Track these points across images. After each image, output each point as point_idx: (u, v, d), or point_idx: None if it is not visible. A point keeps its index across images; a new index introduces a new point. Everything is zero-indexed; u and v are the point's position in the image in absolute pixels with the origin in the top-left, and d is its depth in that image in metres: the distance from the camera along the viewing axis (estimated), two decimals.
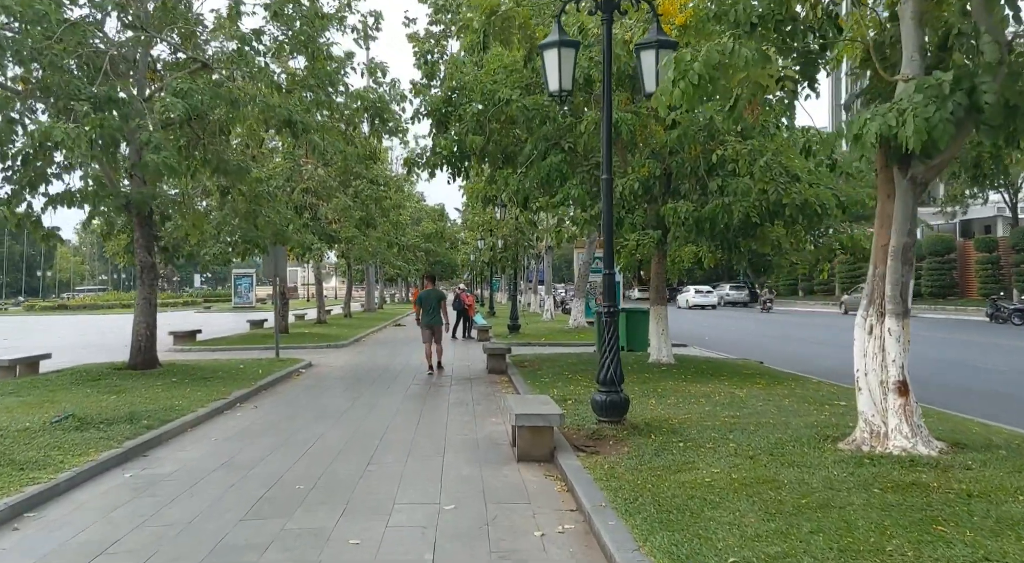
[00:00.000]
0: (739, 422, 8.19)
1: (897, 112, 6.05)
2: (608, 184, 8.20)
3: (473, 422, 9.46)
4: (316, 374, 14.98)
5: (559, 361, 15.33)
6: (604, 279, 8.21)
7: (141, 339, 13.73)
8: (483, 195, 16.46)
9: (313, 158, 22.68)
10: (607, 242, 8.21)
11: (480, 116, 12.93)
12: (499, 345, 15.31)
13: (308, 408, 10.71)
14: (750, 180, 11.48)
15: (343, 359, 18.07)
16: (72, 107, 11.76)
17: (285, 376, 14.14)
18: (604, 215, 8.21)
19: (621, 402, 7.96)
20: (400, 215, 30.29)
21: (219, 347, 20.93)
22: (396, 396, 11.82)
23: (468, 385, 13.09)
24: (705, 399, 9.84)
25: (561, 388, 11.24)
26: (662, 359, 14.14)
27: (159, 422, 8.90)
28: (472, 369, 15.66)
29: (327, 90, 13.97)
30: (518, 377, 13.00)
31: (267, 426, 9.35)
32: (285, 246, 15.99)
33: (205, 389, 11.67)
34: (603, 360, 8.08)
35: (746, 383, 11.51)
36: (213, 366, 14.85)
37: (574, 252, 28.38)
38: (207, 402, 10.51)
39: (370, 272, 43.51)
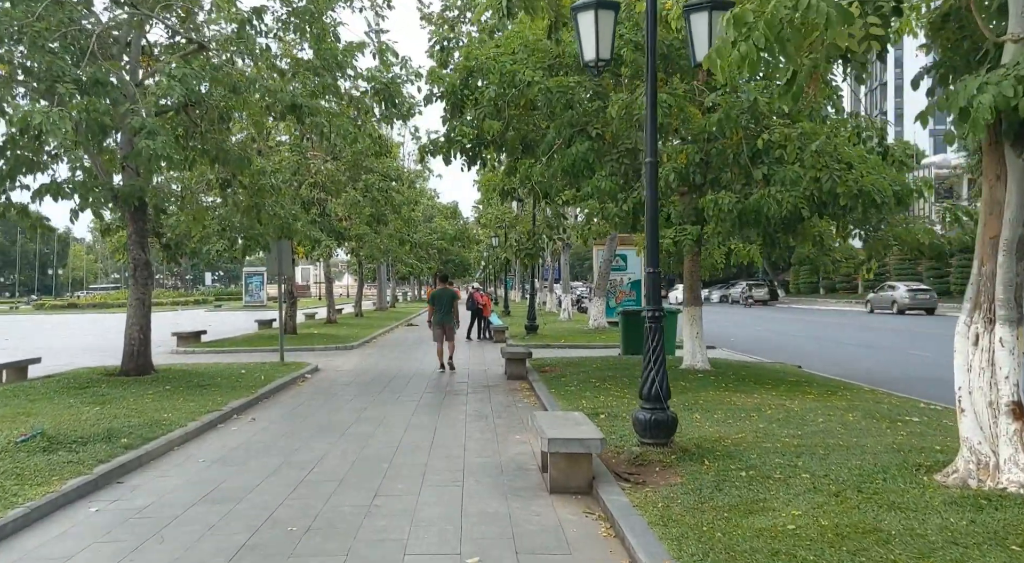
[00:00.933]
0: (804, 444, 7.07)
1: (1015, 79, 4.92)
2: (653, 169, 7.10)
3: (494, 440, 8.38)
4: (322, 380, 13.95)
5: (583, 366, 14.24)
6: (647, 278, 7.10)
7: (134, 343, 12.74)
8: (501, 188, 15.37)
9: (321, 151, 21.69)
10: (651, 235, 7.10)
11: (498, 99, 11.84)
12: (518, 349, 14.24)
13: (310, 421, 9.67)
14: (799, 168, 10.33)
15: (352, 363, 17.05)
16: (56, 89, 10.79)
17: (288, 383, 13.11)
18: (648, 205, 7.11)
19: (669, 421, 6.86)
20: (412, 211, 29.25)
21: (223, 349, 19.96)
22: (408, 407, 10.76)
23: (486, 393, 12.01)
24: (756, 414, 8.71)
25: (590, 399, 10.14)
26: (696, 364, 13.01)
27: (140, 440, 7.87)
28: (489, 374, 14.59)
29: (334, 74, 12.90)
30: (540, 385, 11.92)
31: (263, 444, 8.30)
32: (291, 241, 14.93)
33: (200, 399, 10.66)
34: (647, 372, 6.98)
35: (795, 393, 10.37)
36: (212, 371, 13.84)
37: (593, 249, 27.25)
38: (199, 415, 9.49)
39: (382, 270, 42.52)
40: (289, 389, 12.70)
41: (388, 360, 17.57)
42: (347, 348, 20.46)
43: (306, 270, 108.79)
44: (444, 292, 15.12)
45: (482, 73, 12.33)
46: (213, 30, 13.52)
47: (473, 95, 12.65)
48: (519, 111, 12.42)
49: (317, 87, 12.80)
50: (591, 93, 11.63)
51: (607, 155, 11.53)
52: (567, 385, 11.63)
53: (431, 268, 42.47)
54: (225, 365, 15.07)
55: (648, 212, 7.09)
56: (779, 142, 10.29)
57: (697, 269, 13.30)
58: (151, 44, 14.18)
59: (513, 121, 12.45)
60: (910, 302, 38.41)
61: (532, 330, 22.55)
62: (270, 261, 15.49)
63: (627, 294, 26.64)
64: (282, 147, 20.65)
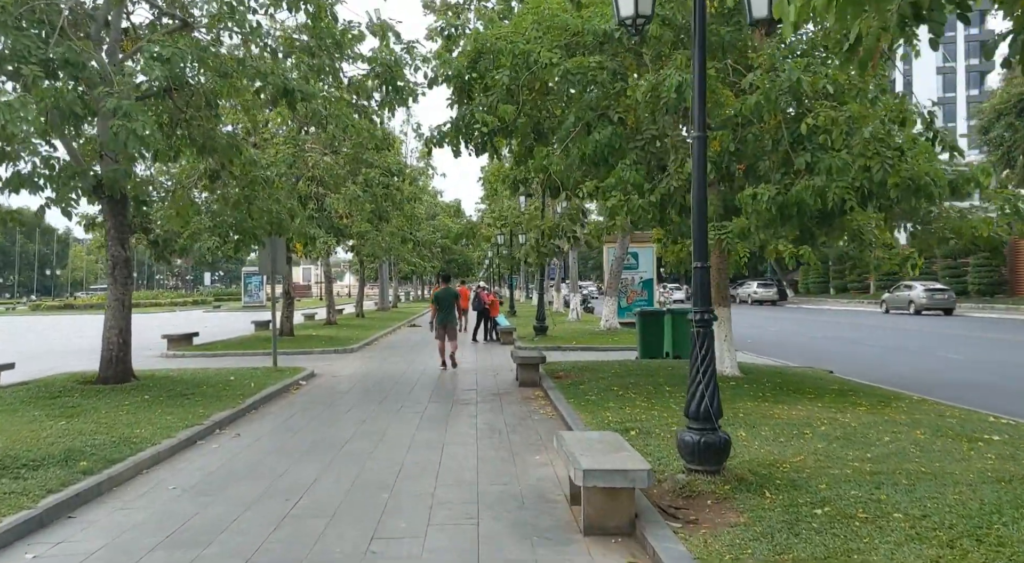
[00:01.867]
0: (879, 470, 6.00)
1: None
2: (702, 145, 6.03)
3: (511, 460, 7.31)
4: (318, 387, 12.89)
5: (600, 371, 13.17)
6: (697, 274, 6.03)
7: (112, 348, 11.69)
8: (512, 180, 14.30)
9: (319, 144, 20.65)
10: (699, 224, 6.02)
11: (511, 83, 10.78)
12: (531, 353, 13.18)
13: (302, 437, 8.60)
14: (846, 155, 9.24)
15: (351, 367, 15.99)
16: (20, 71, 9.76)
17: (281, 391, 12.06)
18: (696, 188, 6.04)
19: (721, 445, 5.79)
20: (415, 208, 28.20)
21: (216, 352, 18.92)
22: (411, 419, 9.70)
23: (497, 403, 10.95)
24: (809, 430, 7.64)
25: (615, 411, 9.07)
26: (726, 371, 11.94)
27: (103, 463, 6.82)
28: (500, 380, 13.53)
29: (331, 54, 11.85)
30: (557, 393, 10.85)
31: (246, 466, 7.25)
32: (284, 237, 13.87)
33: (180, 410, 9.61)
34: (695, 387, 5.91)
35: (843, 404, 9.30)
36: (199, 378, 12.79)
37: (603, 248, 26.18)
38: (177, 430, 8.44)
39: (383, 269, 41.46)
40: (281, 398, 11.64)
41: (390, 364, 16.52)
42: (346, 351, 19.41)
43: (307, 270, 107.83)
44: (446, 292, 15.45)
45: (492, 55, 11.27)
46: (201, 6, 12.46)
47: (482, 80, 11.62)
48: (532, 95, 11.37)
49: (313, 70, 11.74)
50: (613, 74, 10.55)
51: (630, 142, 10.44)
52: (586, 394, 10.56)
53: (435, 267, 41.42)
54: (214, 371, 14.02)
55: (695, 196, 6.02)
56: (824, 127, 9.20)
57: (725, 266, 12.23)
58: (135, 26, 13.15)
59: (525, 106, 11.40)
60: (928, 302, 37.27)
61: (541, 331, 21.49)
62: (263, 259, 14.44)
63: (639, 294, 25.58)
64: (277, 139, 19.60)
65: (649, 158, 10.56)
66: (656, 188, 9.64)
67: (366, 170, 20.52)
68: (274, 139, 20.06)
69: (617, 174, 9.71)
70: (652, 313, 15.77)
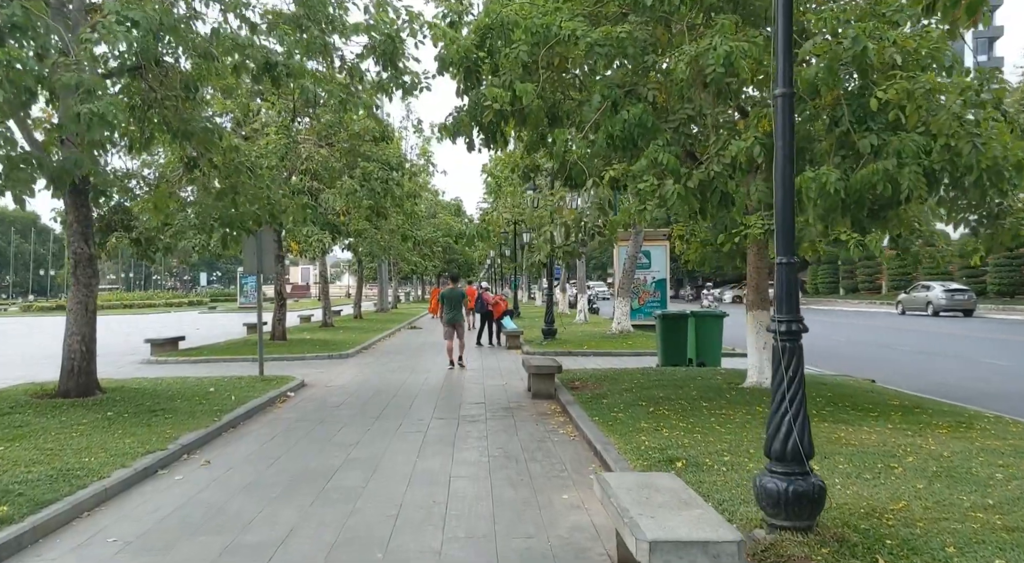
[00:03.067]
0: (1017, 525, 4.67)
1: None
2: (788, 103, 4.71)
3: (534, 501, 5.97)
4: (307, 400, 11.55)
5: (621, 381, 11.84)
6: (782, 272, 4.68)
7: (74, 357, 10.35)
8: (523, 169, 12.97)
9: (312, 134, 19.30)
10: (784, 207, 4.67)
11: (530, 57, 9.46)
12: (544, 361, 11.85)
13: (281, 467, 7.26)
14: (919, 136, 7.90)
15: (346, 375, 14.65)
16: None
17: (265, 405, 10.73)
18: (780, 163, 4.69)
19: (815, 494, 4.45)
20: (415, 205, 26.85)
21: (201, 358, 17.58)
22: (412, 440, 8.37)
23: (509, 420, 9.62)
24: (895, 462, 6.30)
25: (651, 433, 7.73)
26: (764, 382, 10.61)
27: (31, 506, 5.48)
28: (510, 391, 12.19)
29: (320, 26, 10.51)
30: (577, 409, 9.52)
31: (208, 510, 5.90)
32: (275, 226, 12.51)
33: (144, 431, 8.28)
34: (779, 417, 4.59)
35: (916, 425, 7.95)
36: (174, 389, 11.45)
37: (614, 245, 24.83)
38: (135, 457, 7.11)
39: (383, 269, 40.09)
40: (264, 414, 10.30)
41: (389, 372, 15.18)
42: (342, 357, 18.06)
43: (305, 270, 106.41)
44: (453, 292, 15.72)
45: (503, 30, 9.95)
46: None
47: (491, 59, 10.32)
48: (550, 74, 10.04)
49: (300, 44, 10.40)
50: (643, 46, 9.22)
51: (663, 123, 9.10)
52: (612, 410, 9.23)
53: (435, 266, 40.08)
54: (194, 380, 12.67)
55: (781, 171, 4.67)
56: (896, 102, 7.86)
57: (764, 264, 10.89)
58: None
59: (541, 87, 10.07)
60: (947, 303, 35.97)
61: (550, 335, 20.14)
62: (248, 254, 13.09)
63: (651, 295, 24.24)
64: (268, 129, 18.25)
65: (683, 141, 9.22)
66: (694, 173, 8.29)
67: (364, 163, 19.16)
68: (264, 129, 18.70)
69: (650, 155, 8.36)
70: (674, 316, 14.44)
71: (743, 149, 8.05)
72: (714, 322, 14.48)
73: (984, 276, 43.19)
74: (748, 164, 8.21)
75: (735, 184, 8.39)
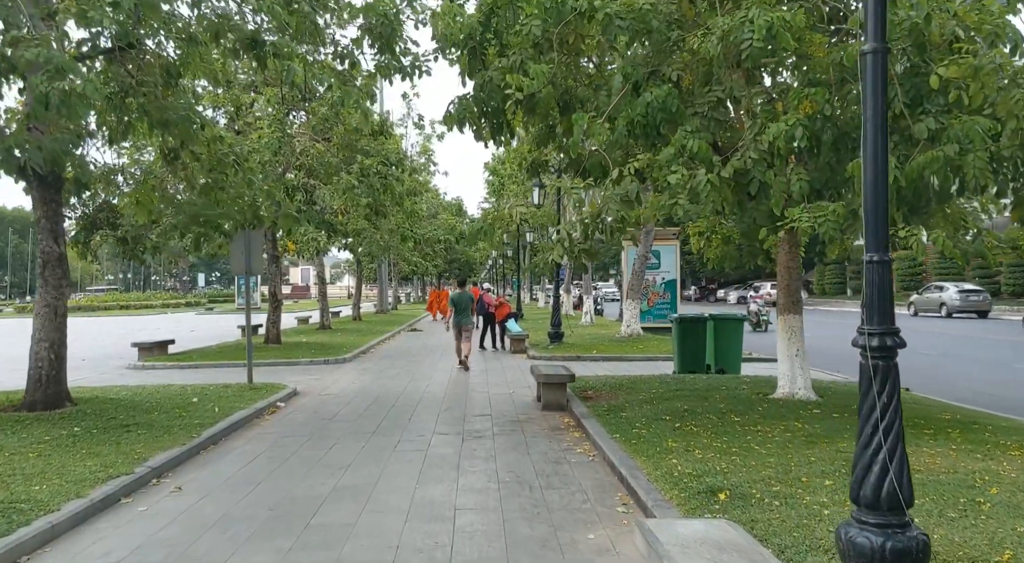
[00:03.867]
0: None
1: None
2: (879, 63, 3.78)
3: (554, 544, 5.05)
4: (298, 411, 10.65)
5: (638, 390, 10.93)
6: (870, 272, 3.74)
7: (42, 365, 9.44)
8: (530, 163, 12.05)
9: (308, 129, 18.39)
10: (875, 194, 3.75)
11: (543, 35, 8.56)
12: (556, 369, 10.94)
13: (261, 495, 6.35)
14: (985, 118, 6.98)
15: (342, 382, 13.74)
16: None
17: (252, 417, 9.82)
18: (868, 139, 3.77)
19: (917, 550, 3.52)
20: (415, 204, 25.91)
21: (190, 363, 16.68)
22: (411, 461, 7.46)
23: (519, 435, 8.70)
24: (977, 493, 5.37)
25: (682, 455, 6.81)
26: (798, 393, 9.69)
27: None
28: (518, 401, 11.27)
29: (311, 3, 9.60)
30: (595, 423, 8.62)
31: (167, 555, 4.98)
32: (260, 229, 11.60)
33: (112, 450, 7.38)
34: (870, 453, 3.67)
35: (982, 445, 7.02)
36: (154, 399, 10.55)
37: (622, 245, 23.90)
38: (96, 483, 6.21)
39: (382, 269, 39.15)
40: (249, 428, 9.39)
41: (387, 378, 14.26)
42: (338, 362, 17.14)
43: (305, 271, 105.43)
44: (462, 295, 15.93)
45: (513, 4, 9.06)
46: None
47: (497, 40, 9.46)
48: (563, 55, 9.13)
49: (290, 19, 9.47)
50: (667, 20, 8.31)
51: (689, 107, 8.18)
52: (633, 424, 8.32)
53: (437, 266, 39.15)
54: (177, 389, 11.76)
55: (869, 149, 3.75)
56: (958, 81, 6.94)
57: (796, 263, 9.98)
58: None
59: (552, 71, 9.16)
60: (960, 304, 35.06)
61: (557, 338, 19.22)
62: (235, 254, 12.17)
63: (660, 296, 23.31)
64: (261, 122, 17.33)
65: (712, 126, 8.31)
66: (730, 161, 7.37)
67: (362, 159, 18.22)
68: (257, 123, 17.79)
69: (678, 142, 7.45)
70: (692, 320, 13.52)
71: (782, 133, 7.13)
72: (734, 326, 13.56)
73: (998, 277, 42.30)
74: (788, 150, 7.30)
75: (773, 173, 7.47)
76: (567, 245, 8.54)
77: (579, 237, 8.62)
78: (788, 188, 7.36)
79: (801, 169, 7.48)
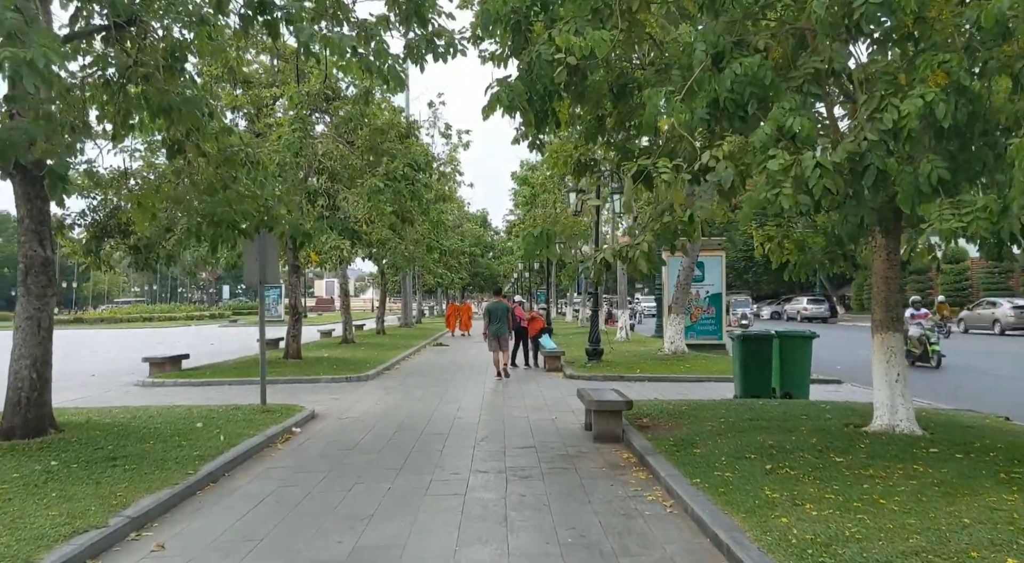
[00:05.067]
0: None
1: None
2: None
3: None
4: (314, 439, 9.34)
5: (704, 417, 9.50)
6: None
7: (22, 386, 8.20)
8: (575, 161, 10.72)
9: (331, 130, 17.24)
10: None
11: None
12: (609, 395, 9.53)
13: (260, 558, 5.03)
14: None
15: (365, 403, 12.44)
16: None
17: (261, 446, 8.53)
18: None
19: None
20: (442, 213, 24.66)
21: (203, 379, 15.50)
22: (447, 513, 6.10)
23: (573, 475, 7.31)
24: None
25: (788, 508, 5.37)
26: (899, 425, 8.20)
27: None
28: (562, 429, 9.88)
29: None
30: (663, 463, 7.20)
31: None
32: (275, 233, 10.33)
33: (89, 491, 6.11)
34: None
35: None
36: (153, 424, 9.29)
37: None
38: (59, 539, 4.95)
39: (407, 282, 37.94)
40: (257, 461, 8.08)
41: (414, 399, 12.93)
42: (360, 379, 15.85)
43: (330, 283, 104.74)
44: (498, 305, 16.31)
45: None
46: None
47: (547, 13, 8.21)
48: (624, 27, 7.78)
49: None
50: None
51: (784, 81, 6.80)
52: (712, 464, 6.90)
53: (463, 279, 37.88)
54: (183, 411, 10.51)
55: None
56: None
57: (896, 273, 8.51)
58: None
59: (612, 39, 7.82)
60: (1015, 321, 33.11)
61: (596, 355, 17.79)
62: (249, 262, 10.94)
63: (704, 311, 21.79)
64: (282, 120, 16.18)
65: (809, 103, 6.92)
66: (842, 144, 5.98)
67: (388, 161, 16.97)
68: (278, 122, 16.66)
69: (775, 119, 6.07)
70: (756, 338, 12.04)
71: (915, 110, 5.71)
72: (802, 345, 12.07)
73: None
74: (922, 131, 5.89)
75: (896, 160, 6.06)
76: (642, 249, 7.11)
77: (658, 240, 7.21)
78: (920, 178, 5.93)
79: (933, 155, 6.05)
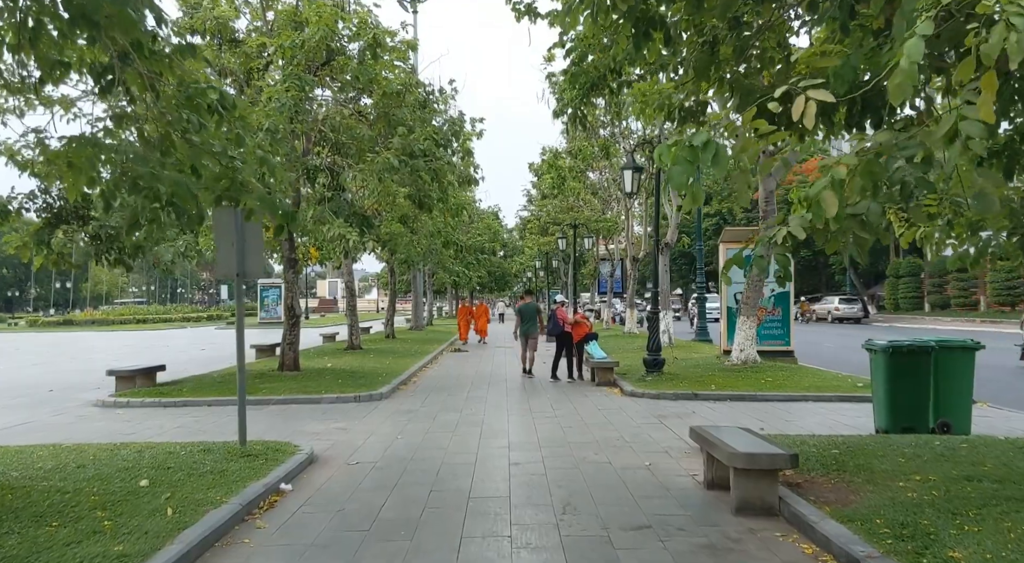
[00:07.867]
0: None
1: None
2: None
3: None
4: (308, 508, 6.31)
5: (876, 467, 6.48)
6: None
7: None
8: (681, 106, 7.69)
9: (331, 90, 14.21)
10: None
11: None
12: (757, 447, 6.46)
13: None
14: None
15: (380, 437, 9.44)
16: None
17: (226, 527, 5.50)
18: None
19: None
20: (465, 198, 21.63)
21: (179, 399, 12.52)
22: None
23: None
24: None
25: None
26: None
27: None
28: (672, 488, 6.80)
29: None
30: None
31: None
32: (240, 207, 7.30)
33: None
34: None
35: None
36: (70, 486, 6.25)
37: (720, 247, 19.41)
38: None
39: (418, 280, 34.86)
40: (220, 554, 5.05)
41: (444, 431, 9.90)
42: (372, 399, 12.81)
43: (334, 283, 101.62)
44: (528, 306, 16.80)
45: None
46: None
47: None
48: None
49: None
50: None
51: None
52: None
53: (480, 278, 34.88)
54: (130, 454, 7.49)
55: None
56: None
57: None
58: None
59: None
60: None
61: (655, 366, 14.72)
62: (222, 248, 7.94)
63: (770, 312, 18.72)
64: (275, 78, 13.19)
65: None
66: None
67: (404, 131, 13.91)
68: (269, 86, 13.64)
69: None
70: (909, 351, 8.95)
71: None
72: (963, 358, 9.01)
73: None
74: None
75: None
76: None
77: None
78: None
79: None
